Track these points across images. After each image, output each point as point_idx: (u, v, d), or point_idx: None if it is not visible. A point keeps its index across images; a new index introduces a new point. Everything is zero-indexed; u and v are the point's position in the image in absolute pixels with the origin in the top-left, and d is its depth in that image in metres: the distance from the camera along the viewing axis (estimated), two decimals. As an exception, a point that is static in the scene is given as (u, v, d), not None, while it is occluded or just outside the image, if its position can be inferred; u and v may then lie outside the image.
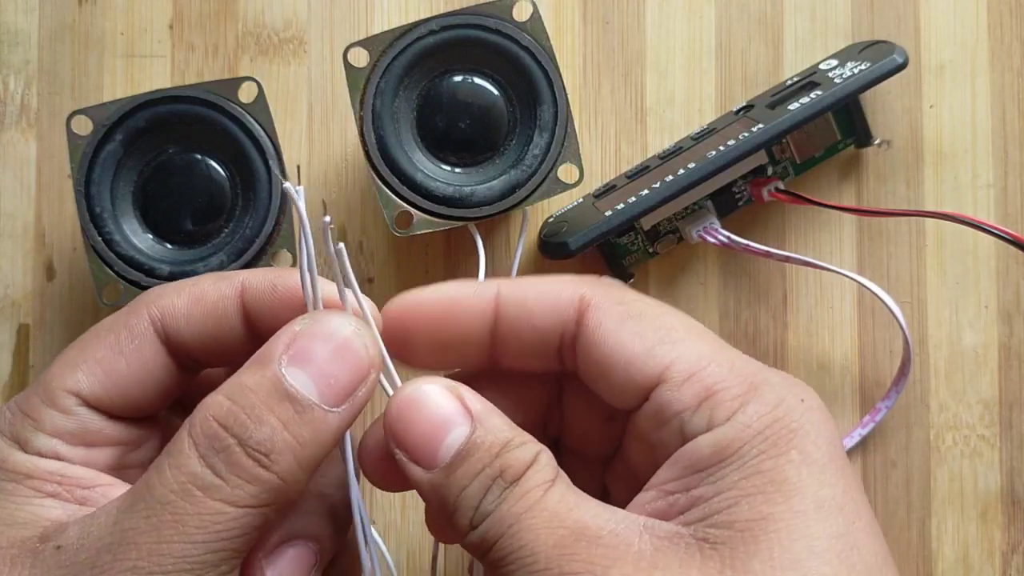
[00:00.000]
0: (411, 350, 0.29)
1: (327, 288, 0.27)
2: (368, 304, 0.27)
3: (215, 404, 0.25)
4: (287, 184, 0.27)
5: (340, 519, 0.29)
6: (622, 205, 0.35)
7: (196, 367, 0.29)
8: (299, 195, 0.27)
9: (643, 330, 0.27)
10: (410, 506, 0.38)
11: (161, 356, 0.28)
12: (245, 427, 0.24)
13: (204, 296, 0.28)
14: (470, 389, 0.26)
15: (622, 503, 0.26)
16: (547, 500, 0.24)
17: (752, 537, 0.23)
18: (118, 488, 0.27)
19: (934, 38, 0.40)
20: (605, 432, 0.29)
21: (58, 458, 0.27)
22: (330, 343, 0.25)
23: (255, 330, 0.28)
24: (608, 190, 0.37)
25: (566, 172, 0.35)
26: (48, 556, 0.25)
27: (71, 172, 0.34)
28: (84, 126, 0.34)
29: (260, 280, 0.28)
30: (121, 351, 0.28)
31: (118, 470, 0.28)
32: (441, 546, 0.36)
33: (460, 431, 0.25)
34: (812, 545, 0.23)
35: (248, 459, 0.24)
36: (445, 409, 0.26)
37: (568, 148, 0.35)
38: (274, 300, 0.28)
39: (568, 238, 0.35)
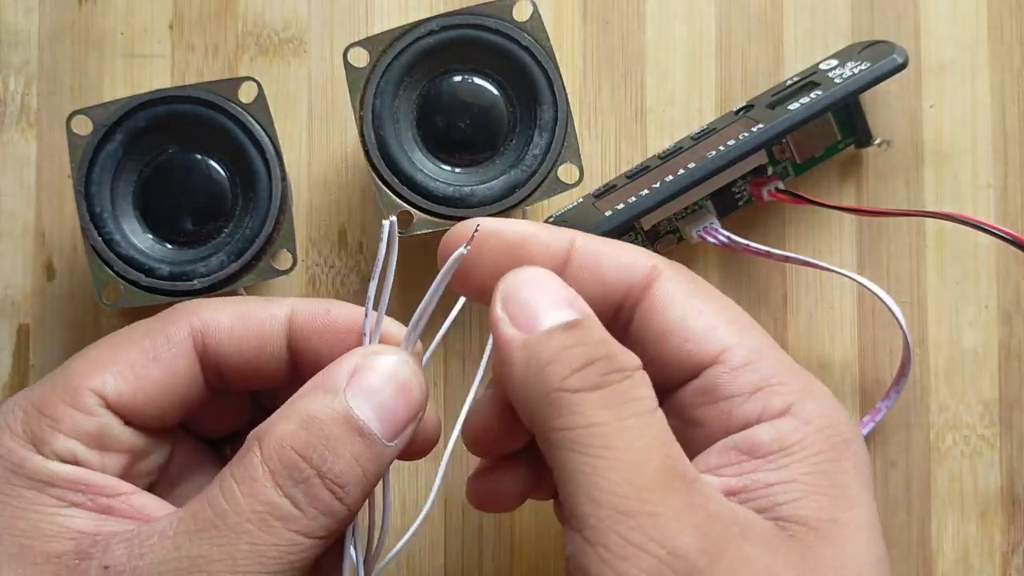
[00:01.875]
0: (473, 276, 0.28)
1: (385, 323, 0.28)
2: (420, 347, 0.28)
3: (291, 434, 0.25)
4: (389, 221, 0.27)
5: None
6: (622, 205, 0.35)
7: (220, 386, 0.29)
8: (394, 237, 0.27)
9: (708, 311, 0.27)
10: (410, 506, 0.38)
11: (194, 369, 0.28)
12: (324, 459, 0.24)
13: (251, 315, 0.28)
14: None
15: None
16: (656, 421, 0.24)
17: (824, 537, 0.24)
18: (141, 498, 0.26)
19: (934, 38, 0.40)
20: None
21: (76, 462, 0.26)
22: (392, 381, 0.26)
23: (297, 356, 0.28)
24: (608, 190, 0.37)
25: (566, 172, 0.35)
26: None
27: (71, 172, 0.34)
28: (84, 126, 0.34)
29: (313, 305, 0.28)
30: (156, 357, 0.27)
31: (124, 480, 0.27)
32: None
33: (567, 312, 0.25)
34: (867, 558, 0.24)
35: (326, 492, 0.24)
36: (563, 292, 0.26)
37: (568, 148, 0.35)
38: (326, 326, 0.28)
39: None
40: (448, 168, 0.35)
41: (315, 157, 0.39)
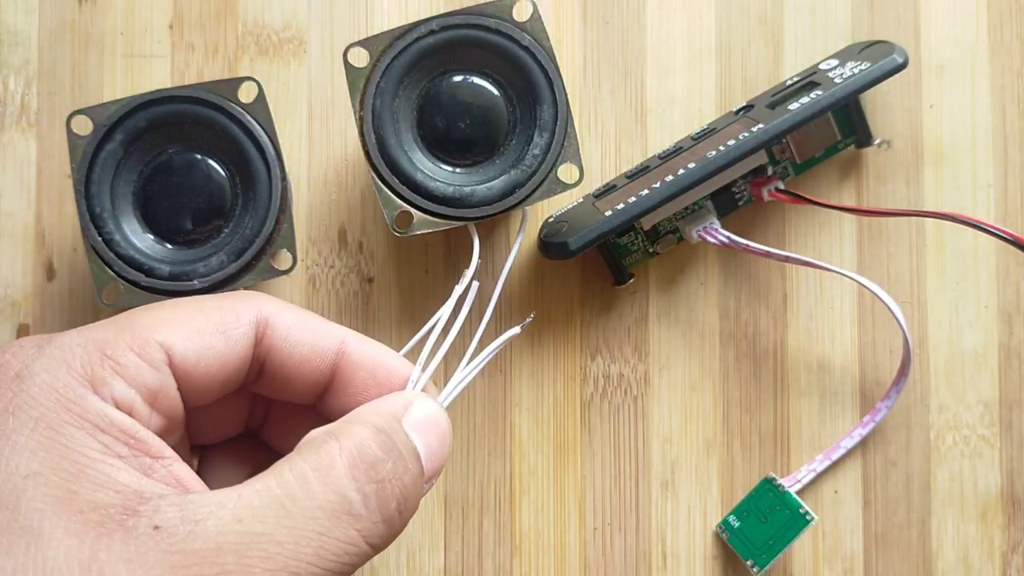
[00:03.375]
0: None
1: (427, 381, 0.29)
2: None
3: (371, 435, 0.25)
4: (466, 284, 0.30)
5: None
6: (622, 205, 0.35)
7: (254, 382, 0.29)
8: (466, 302, 0.30)
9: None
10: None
11: (249, 355, 0.27)
12: (397, 467, 0.24)
13: (312, 325, 0.28)
14: None
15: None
16: None
17: None
18: (181, 468, 0.25)
19: (934, 38, 0.40)
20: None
21: (131, 414, 0.24)
22: (438, 427, 0.27)
23: (335, 385, 0.29)
24: (608, 190, 0.37)
25: (566, 172, 0.35)
26: (145, 535, 0.22)
27: (71, 172, 0.34)
28: (84, 126, 0.34)
29: (368, 343, 0.29)
30: (224, 331, 0.26)
31: None
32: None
33: None
34: None
35: (394, 500, 0.24)
36: None
37: (568, 148, 0.35)
38: (378, 364, 0.29)
39: (568, 238, 0.35)
40: (448, 168, 0.35)
41: (315, 157, 0.39)
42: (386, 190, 0.34)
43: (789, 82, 0.38)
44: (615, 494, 0.38)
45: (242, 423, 0.31)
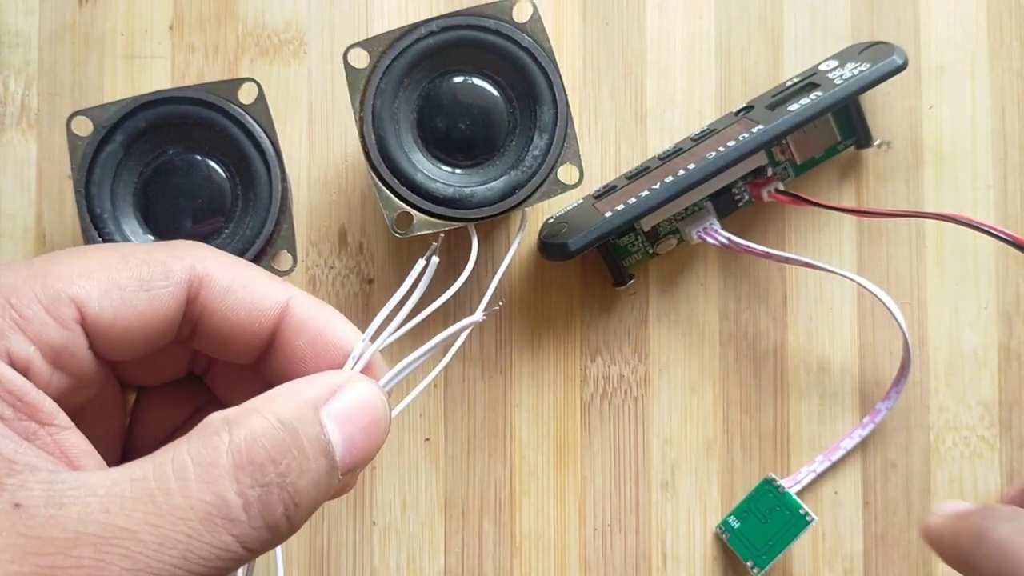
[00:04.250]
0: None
1: (375, 356, 0.27)
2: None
3: (267, 432, 0.22)
4: (427, 260, 0.27)
5: None
6: (622, 206, 0.35)
7: (187, 339, 0.27)
8: (427, 276, 0.27)
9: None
10: (410, 506, 0.38)
11: (178, 316, 0.25)
12: (291, 469, 0.22)
13: (252, 285, 0.26)
14: None
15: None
16: None
17: None
18: (72, 437, 0.23)
19: (934, 39, 0.40)
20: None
21: (27, 372, 0.22)
22: (368, 415, 0.24)
23: (276, 347, 0.27)
24: (608, 191, 0.37)
25: (566, 173, 0.35)
26: (3, 511, 0.20)
27: (71, 173, 0.34)
28: (84, 127, 0.34)
29: (315, 307, 0.27)
30: (149, 289, 0.24)
31: None
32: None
33: None
34: None
35: (281, 505, 0.22)
36: None
37: (568, 149, 0.35)
38: (320, 334, 0.26)
39: (568, 239, 0.35)
40: (448, 169, 0.35)
41: (315, 158, 0.39)
42: (386, 191, 0.34)
43: (789, 83, 0.38)
44: (615, 495, 0.38)
45: (183, 370, 0.29)
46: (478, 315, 0.26)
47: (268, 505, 0.22)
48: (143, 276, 0.24)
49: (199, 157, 0.35)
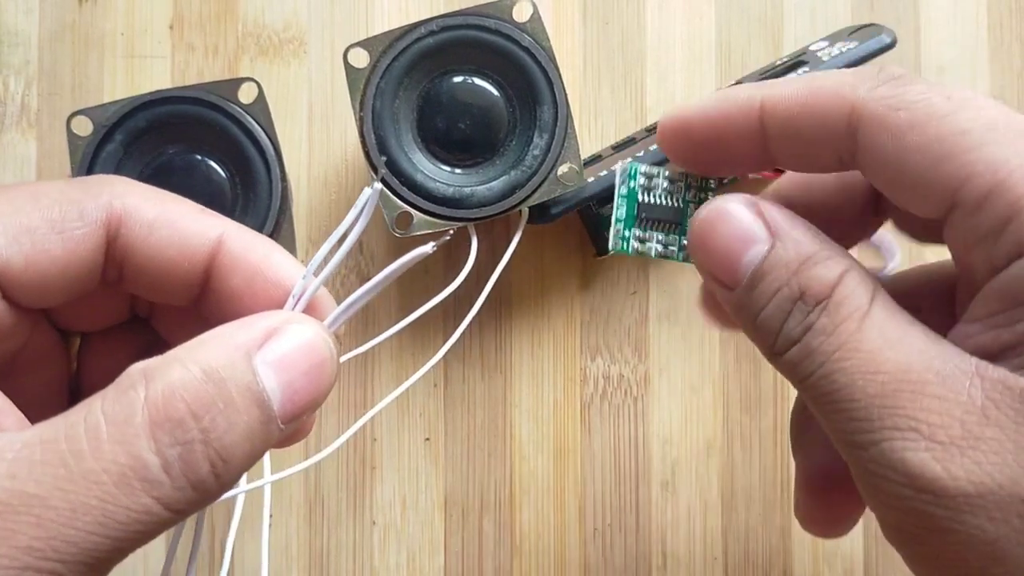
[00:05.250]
0: (691, 160, 0.27)
1: (319, 293, 0.25)
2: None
3: (188, 385, 0.20)
4: (372, 188, 0.24)
5: None
6: (604, 172, 0.35)
7: (114, 282, 0.25)
8: (371, 206, 0.24)
9: (928, 142, 0.22)
10: (410, 507, 0.38)
11: (97, 258, 0.24)
12: (216, 425, 0.20)
13: (179, 221, 0.24)
14: (774, 203, 0.24)
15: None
16: (863, 336, 0.22)
17: None
18: None
19: (934, 39, 0.40)
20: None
21: None
22: (309, 359, 0.22)
23: (212, 287, 0.25)
24: (593, 160, 0.37)
25: (566, 173, 0.35)
26: None
27: (71, 173, 0.34)
28: (84, 127, 0.34)
29: (252, 242, 0.25)
30: (62, 231, 0.23)
31: None
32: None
33: (759, 248, 0.23)
34: None
35: (206, 463, 0.20)
36: (744, 224, 0.23)
37: (568, 148, 0.35)
38: (258, 270, 0.24)
39: (550, 205, 0.35)
40: (448, 169, 0.35)
41: (315, 157, 0.39)
42: (386, 191, 0.34)
43: (778, 62, 0.38)
44: (615, 495, 0.38)
45: (124, 313, 0.27)
46: (427, 247, 0.24)
47: (191, 464, 0.20)
48: (54, 217, 0.23)
49: (199, 157, 0.35)
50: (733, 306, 0.24)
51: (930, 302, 0.26)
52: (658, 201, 0.31)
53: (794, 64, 0.37)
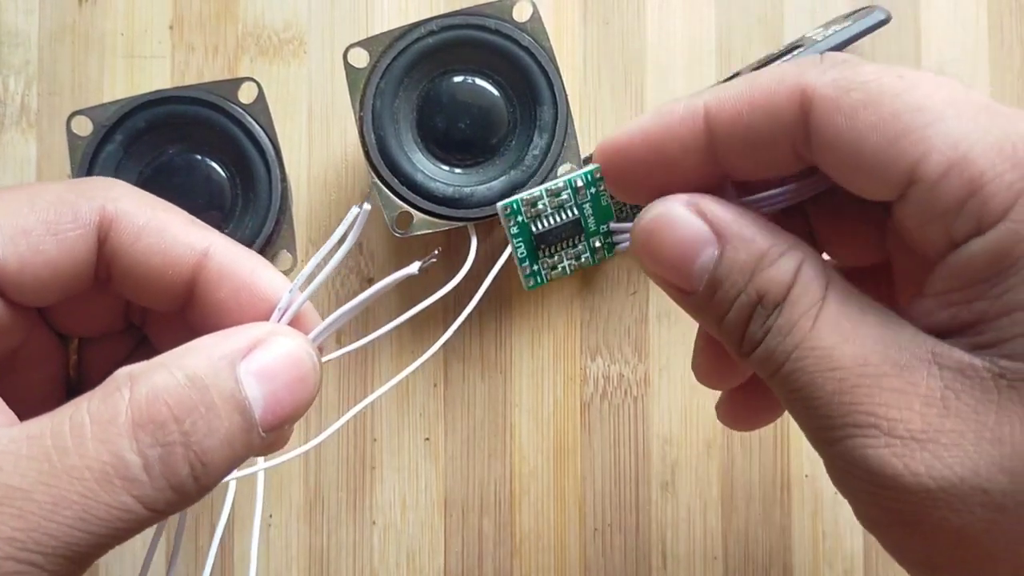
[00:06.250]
0: (634, 186, 0.25)
1: (303, 308, 0.25)
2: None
3: (171, 388, 0.21)
4: (360, 208, 0.25)
5: None
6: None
7: (104, 284, 0.26)
8: (359, 225, 0.25)
9: (884, 119, 0.21)
10: (410, 507, 0.38)
11: (90, 259, 0.24)
12: (196, 428, 0.21)
13: (168, 229, 0.25)
14: (715, 198, 0.23)
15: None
16: (817, 333, 0.22)
17: None
18: None
19: (934, 39, 0.40)
20: (866, 234, 0.26)
21: None
22: (292, 371, 0.23)
23: (197, 297, 0.25)
24: (590, 159, 0.38)
25: (566, 173, 0.35)
26: None
27: (71, 173, 0.34)
28: (84, 127, 0.34)
29: (239, 256, 0.25)
30: (57, 233, 0.24)
31: None
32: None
33: (709, 251, 0.23)
34: None
35: (186, 465, 0.21)
36: (689, 229, 0.23)
37: (568, 148, 0.35)
38: (245, 284, 0.25)
39: None
40: (448, 169, 0.35)
41: (315, 157, 0.39)
42: (386, 190, 0.34)
43: (775, 52, 0.38)
44: (615, 495, 0.38)
45: (120, 320, 0.28)
46: (413, 268, 0.25)
47: (171, 465, 0.21)
48: (50, 219, 0.24)
49: (199, 157, 0.35)
50: (693, 310, 0.24)
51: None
52: (551, 223, 0.31)
53: (790, 49, 0.37)
